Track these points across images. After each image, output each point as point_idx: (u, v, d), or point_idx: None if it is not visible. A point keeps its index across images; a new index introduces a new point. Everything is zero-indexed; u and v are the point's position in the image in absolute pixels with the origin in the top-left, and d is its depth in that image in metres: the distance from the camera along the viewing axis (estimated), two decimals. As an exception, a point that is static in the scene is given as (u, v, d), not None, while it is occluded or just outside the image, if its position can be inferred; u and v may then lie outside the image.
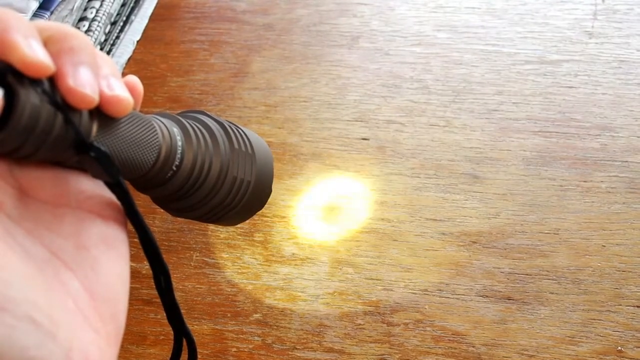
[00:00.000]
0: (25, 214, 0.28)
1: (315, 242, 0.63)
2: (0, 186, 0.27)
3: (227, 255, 0.63)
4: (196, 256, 0.63)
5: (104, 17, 0.77)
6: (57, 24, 0.27)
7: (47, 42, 0.26)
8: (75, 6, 0.75)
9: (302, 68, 0.77)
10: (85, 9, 0.77)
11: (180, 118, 0.34)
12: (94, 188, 0.30)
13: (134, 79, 0.30)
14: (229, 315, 0.59)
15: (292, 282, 0.61)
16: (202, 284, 0.61)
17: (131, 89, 0.30)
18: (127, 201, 0.29)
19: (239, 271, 0.62)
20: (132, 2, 0.82)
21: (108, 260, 0.29)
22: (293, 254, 0.62)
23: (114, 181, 0.28)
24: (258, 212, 0.39)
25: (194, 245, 0.64)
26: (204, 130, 0.34)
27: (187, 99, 0.75)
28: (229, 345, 0.58)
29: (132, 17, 0.82)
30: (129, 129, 0.29)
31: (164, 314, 0.60)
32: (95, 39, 0.76)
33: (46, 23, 0.27)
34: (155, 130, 0.31)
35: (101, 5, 0.78)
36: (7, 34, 0.25)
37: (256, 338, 0.58)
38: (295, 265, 0.62)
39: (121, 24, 0.80)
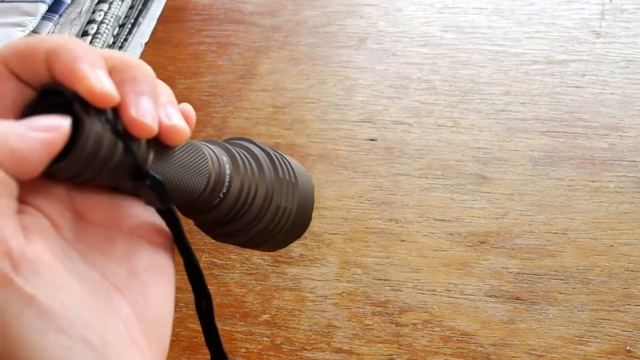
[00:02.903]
0: (80, 236, 0.28)
1: (324, 243, 0.63)
2: (59, 210, 0.28)
3: (236, 257, 0.63)
4: (205, 257, 0.63)
5: (112, 20, 0.78)
6: (121, 54, 0.28)
7: (111, 71, 0.27)
8: (83, 9, 0.75)
9: (310, 69, 0.77)
10: (93, 12, 0.77)
11: (228, 146, 0.35)
12: (145, 214, 0.30)
13: (187, 107, 0.31)
14: (237, 316, 0.59)
15: (301, 282, 0.61)
16: (211, 285, 0.61)
17: (185, 117, 0.30)
18: (177, 229, 0.30)
19: (248, 272, 0.62)
20: (140, 4, 0.83)
21: (157, 286, 0.29)
22: (301, 254, 0.63)
23: (166, 209, 0.29)
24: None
25: (203, 247, 0.64)
26: (250, 158, 0.35)
27: (195, 101, 0.75)
28: (238, 345, 0.58)
29: (140, 19, 0.82)
30: (182, 157, 0.30)
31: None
32: (104, 42, 0.76)
33: (110, 52, 0.28)
34: (206, 158, 0.31)
35: (109, 8, 0.78)
36: (75, 63, 0.26)
37: (265, 339, 0.58)
38: (304, 266, 0.62)
39: (129, 26, 0.81)
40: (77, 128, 0.26)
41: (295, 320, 0.59)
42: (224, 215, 0.34)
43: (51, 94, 0.26)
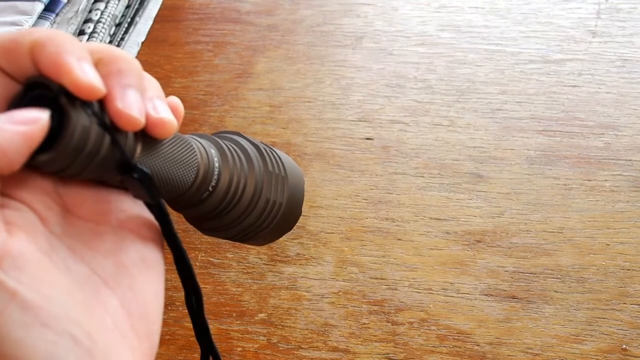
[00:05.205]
0: (67, 230, 0.28)
1: (320, 242, 0.63)
2: (46, 203, 0.28)
3: (232, 255, 0.63)
4: (201, 256, 0.63)
5: (108, 19, 0.77)
6: (107, 46, 0.28)
7: (97, 64, 0.27)
8: (80, 8, 0.75)
9: (306, 68, 0.77)
10: (90, 11, 0.77)
11: (217, 139, 0.35)
12: (134, 207, 0.30)
13: (175, 100, 0.31)
14: (234, 315, 0.59)
15: (297, 281, 0.61)
16: (208, 283, 0.61)
17: (173, 110, 0.30)
18: (165, 222, 0.30)
19: (244, 271, 0.62)
20: (137, 3, 0.83)
21: (145, 279, 0.29)
22: (298, 253, 0.63)
23: (154, 202, 0.29)
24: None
25: (199, 246, 0.64)
26: (239, 152, 0.35)
27: (191, 100, 0.75)
28: (235, 344, 0.58)
29: (137, 18, 0.82)
30: (170, 150, 0.30)
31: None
32: (100, 41, 0.76)
33: (96, 45, 0.28)
34: (195, 152, 0.31)
35: (106, 7, 0.78)
36: (60, 56, 0.25)
37: (261, 337, 0.58)
38: (300, 264, 0.62)
39: (126, 25, 0.81)
40: (63, 121, 0.25)
41: (292, 319, 0.59)
42: (213, 208, 0.34)
43: (37, 87, 0.26)
